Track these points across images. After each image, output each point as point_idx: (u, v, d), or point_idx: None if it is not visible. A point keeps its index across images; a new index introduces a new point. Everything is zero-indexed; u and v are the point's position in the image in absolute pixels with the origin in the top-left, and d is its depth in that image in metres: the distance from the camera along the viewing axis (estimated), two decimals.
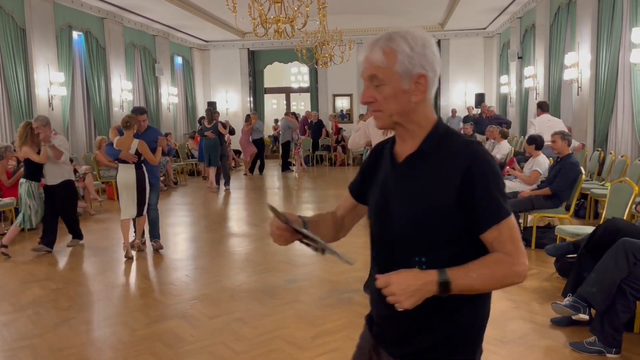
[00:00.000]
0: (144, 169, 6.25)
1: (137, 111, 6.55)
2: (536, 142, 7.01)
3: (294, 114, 16.60)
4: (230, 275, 5.67)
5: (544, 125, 8.43)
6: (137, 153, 6.14)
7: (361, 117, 6.57)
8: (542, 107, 9.05)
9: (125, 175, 6.18)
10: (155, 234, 6.64)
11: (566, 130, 8.02)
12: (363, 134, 5.29)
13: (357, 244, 6.62)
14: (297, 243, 1.63)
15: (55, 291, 5.16)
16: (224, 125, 12.11)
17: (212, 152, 11.75)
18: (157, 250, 6.52)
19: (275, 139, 20.86)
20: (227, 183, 12.11)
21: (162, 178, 12.12)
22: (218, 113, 13.00)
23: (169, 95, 16.49)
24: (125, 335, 4.04)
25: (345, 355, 3.58)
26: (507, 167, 7.69)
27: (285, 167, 15.68)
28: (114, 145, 6.21)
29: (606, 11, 9.10)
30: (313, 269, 5.73)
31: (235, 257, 6.46)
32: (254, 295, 4.85)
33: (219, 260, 6.24)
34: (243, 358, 3.58)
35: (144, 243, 6.72)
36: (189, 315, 4.41)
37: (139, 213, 6.25)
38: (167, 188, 12.24)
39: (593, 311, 3.72)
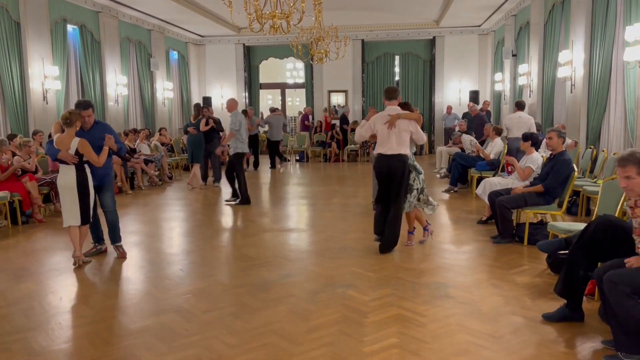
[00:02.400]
0: (87, 170, 5.65)
1: (80, 105, 5.79)
2: (532, 139, 7.05)
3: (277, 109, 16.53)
4: (224, 269, 5.68)
5: (514, 121, 9.91)
6: (79, 153, 5.51)
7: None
8: (518, 106, 10.21)
9: (65, 178, 5.58)
10: (115, 238, 6.08)
11: (534, 127, 9.68)
12: (369, 129, 6.16)
13: (351, 239, 6.66)
14: (290, 237, 1.55)
15: (48, 285, 5.16)
16: (207, 122, 11.35)
17: (194, 149, 11.29)
18: (121, 258, 5.97)
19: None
20: (216, 180, 11.87)
21: (156, 172, 12.12)
22: (207, 109, 12.36)
23: (164, 90, 16.45)
24: (119, 329, 4.05)
25: (339, 350, 3.62)
26: (507, 157, 7.74)
27: (274, 163, 15.58)
28: (54, 143, 5.59)
29: (600, 10, 9.15)
30: (307, 263, 5.75)
31: (229, 252, 6.47)
32: (248, 290, 4.87)
33: (213, 254, 6.25)
34: (236, 352, 3.60)
35: (102, 251, 6.19)
36: (183, 309, 4.42)
37: (83, 220, 5.66)
38: (162, 183, 12.22)
39: None
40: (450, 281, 5.03)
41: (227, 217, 8.98)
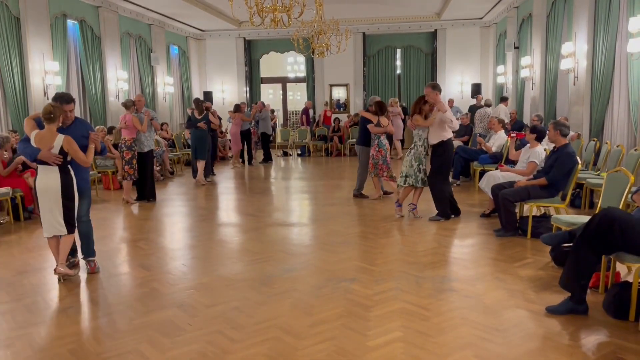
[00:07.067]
0: (72, 172, 4.99)
1: (63, 99, 5.07)
2: (537, 131, 7.00)
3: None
4: (227, 264, 5.68)
5: (502, 112, 12.51)
6: (63, 152, 4.85)
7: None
8: (504, 99, 13.25)
9: (47, 181, 4.87)
10: (89, 252, 5.40)
11: (504, 118, 11.58)
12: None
13: (354, 233, 6.65)
14: (292, 232, 1.55)
15: (52, 280, 5.16)
16: (213, 114, 11.20)
17: (199, 144, 11.20)
18: (91, 273, 5.30)
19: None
20: (206, 175, 11.80)
21: (158, 168, 12.10)
22: (208, 103, 12.24)
23: (165, 84, 16.42)
24: (123, 324, 4.05)
25: (342, 344, 3.61)
26: (501, 168, 7.74)
27: (269, 157, 15.43)
28: (32, 142, 4.84)
29: (603, 1, 9.08)
30: (309, 258, 5.75)
31: (231, 247, 6.47)
32: (251, 284, 4.86)
33: (215, 249, 6.25)
34: (240, 346, 3.60)
35: (75, 265, 5.38)
36: (186, 304, 4.42)
37: (70, 229, 4.99)
38: (164, 178, 12.22)
39: None
40: (453, 275, 5.02)
41: (229, 212, 8.98)
